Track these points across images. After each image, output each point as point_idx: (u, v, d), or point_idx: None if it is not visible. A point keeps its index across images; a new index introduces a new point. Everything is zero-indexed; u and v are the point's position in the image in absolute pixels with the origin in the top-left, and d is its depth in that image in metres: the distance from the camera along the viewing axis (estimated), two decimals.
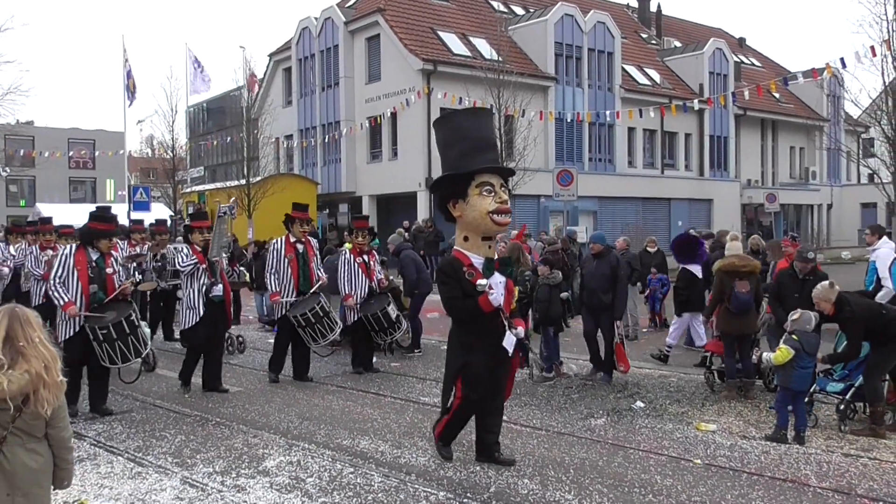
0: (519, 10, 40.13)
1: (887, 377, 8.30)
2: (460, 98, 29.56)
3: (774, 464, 7.07)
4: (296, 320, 10.53)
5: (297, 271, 10.76)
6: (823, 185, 47.26)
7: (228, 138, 39.27)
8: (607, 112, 34.95)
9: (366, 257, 11.56)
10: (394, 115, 32.92)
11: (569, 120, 33.86)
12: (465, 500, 6.13)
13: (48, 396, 3.90)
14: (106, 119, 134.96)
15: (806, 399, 8.09)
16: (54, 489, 4.17)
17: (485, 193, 6.65)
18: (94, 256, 8.79)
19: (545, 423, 8.57)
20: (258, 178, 30.69)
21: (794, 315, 7.96)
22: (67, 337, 8.64)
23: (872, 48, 20.10)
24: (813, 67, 25.59)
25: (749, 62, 49.40)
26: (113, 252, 9.06)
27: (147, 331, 8.74)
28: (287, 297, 10.71)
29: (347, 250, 11.64)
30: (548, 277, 11.01)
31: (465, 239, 6.86)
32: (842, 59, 22.30)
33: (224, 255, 10.27)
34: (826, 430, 8.13)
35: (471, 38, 34.76)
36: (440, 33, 34.21)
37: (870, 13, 21.29)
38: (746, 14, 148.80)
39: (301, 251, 10.84)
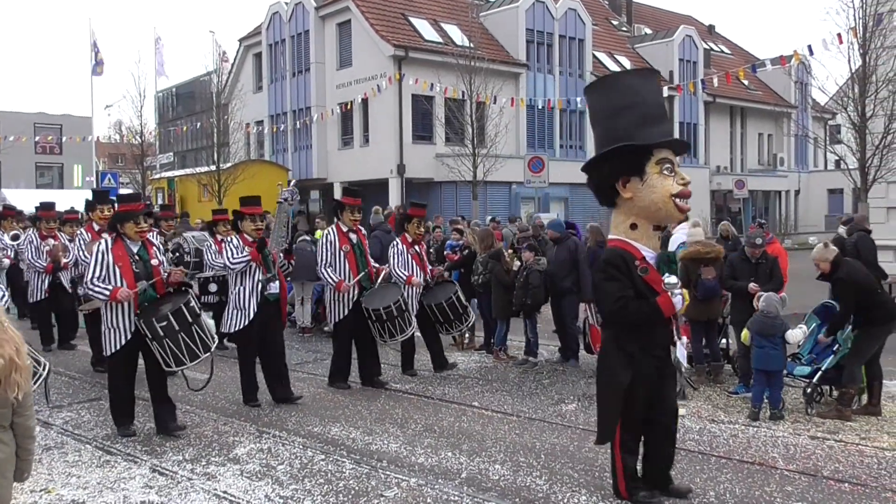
0: None
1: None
2: (431, 84, 29.52)
3: (742, 447, 7.15)
4: (375, 314, 9.45)
5: (355, 263, 9.55)
6: (791, 171, 47.72)
7: (198, 124, 38.90)
8: (578, 99, 34.95)
9: (417, 247, 10.56)
10: (365, 102, 32.79)
11: (540, 107, 33.94)
12: (437, 486, 6.14)
13: (20, 380, 3.81)
14: (73, 104, 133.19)
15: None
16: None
17: (665, 172, 5.47)
18: (135, 248, 7.46)
19: (516, 409, 8.60)
20: (228, 165, 30.45)
21: (761, 302, 8.23)
22: (118, 347, 7.34)
23: (839, 36, 20.24)
24: (781, 55, 25.79)
25: (718, 49, 49.69)
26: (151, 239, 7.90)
27: (211, 322, 7.66)
28: (349, 294, 9.53)
29: (399, 241, 10.49)
30: (537, 263, 11.03)
31: (633, 227, 5.62)
32: (809, 47, 22.50)
33: (283, 246, 9.08)
34: (793, 413, 8.23)
35: (442, 25, 34.69)
36: (411, 19, 34.10)
37: (837, 1, 21.40)
38: (716, 1, 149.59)
39: (355, 241, 9.70)
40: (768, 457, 6.86)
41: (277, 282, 8.70)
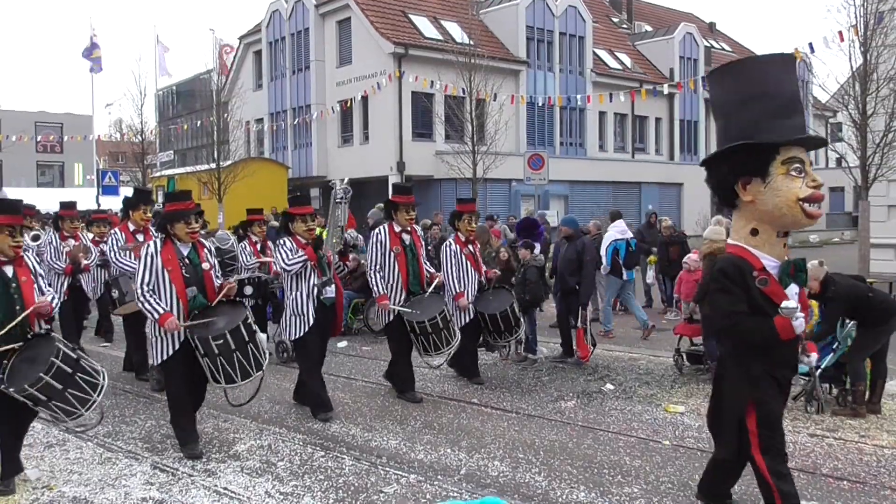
0: None
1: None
2: (431, 81, 29.50)
3: None
4: (419, 327, 8.70)
5: (406, 267, 8.88)
6: None
7: (198, 122, 38.82)
8: (578, 96, 35.02)
9: (472, 247, 9.83)
10: (365, 99, 32.77)
11: (540, 104, 33.90)
12: (437, 482, 6.16)
13: None
14: (74, 103, 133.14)
15: None
16: None
17: (793, 173, 4.81)
18: (185, 251, 6.96)
19: (515, 406, 8.62)
20: (228, 163, 30.45)
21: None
22: (167, 356, 6.87)
23: (840, 33, 20.23)
24: (782, 52, 25.72)
25: (719, 47, 49.61)
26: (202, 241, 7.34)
27: (263, 336, 7.22)
28: (397, 299, 8.87)
29: (452, 241, 9.76)
30: (535, 259, 11.05)
31: (754, 233, 5.01)
32: (810, 44, 22.50)
33: (338, 248, 8.55)
34: (792, 411, 8.24)
35: (442, 22, 34.67)
36: (411, 17, 34.07)
37: None
38: None
39: (408, 243, 8.97)
40: None
41: (333, 285, 8.19)
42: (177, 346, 6.81)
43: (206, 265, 7.04)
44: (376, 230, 9.11)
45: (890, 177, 19.13)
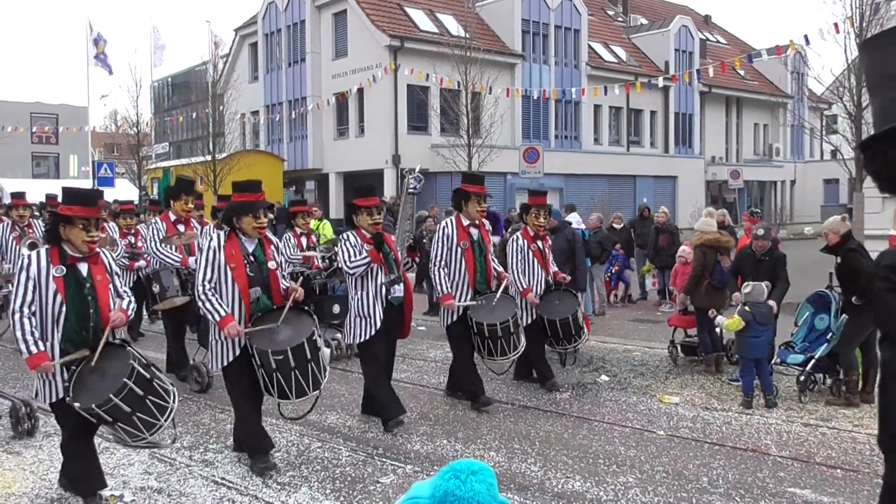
0: None
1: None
2: (427, 74, 29.48)
3: (736, 434, 7.22)
4: (478, 328, 8.04)
5: (474, 264, 8.17)
6: (787, 161, 47.74)
7: (194, 114, 38.84)
8: (573, 89, 35.01)
9: (540, 243, 9.14)
10: (360, 92, 32.74)
11: (535, 97, 33.86)
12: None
13: None
14: (69, 93, 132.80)
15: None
16: None
17: None
18: (251, 247, 6.31)
19: (511, 397, 8.65)
20: (224, 155, 30.41)
21: (747, 288, 8.30)
22: (228, 362, 6.26)
23: (836, 25, 20.25)
24: (777, 45, 25.81)
25: (714, 39, 49.65)
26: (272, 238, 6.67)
27: (327, 351, 6.71)
28: (462, 298, 8.15)
29: (519, 235, 9.15)
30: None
31: None
32: (805, 37, 22.51)
33: (408, 242, 7.92)
34: (787, 400, 8.30)
35: (438, 15, 34.63)
36: (407, 9, 34.04)
37: None
38: None
39: (476, 238, 8.23)
40: (761, 443, 6.93)
41: (402, 284, 7.59)
42: (237, 352, 6.20)
43: (272, 264, 6.38)
44: (443, 223, 8.43)
45: None
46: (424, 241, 13.52)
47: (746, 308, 8.18)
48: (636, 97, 37.68)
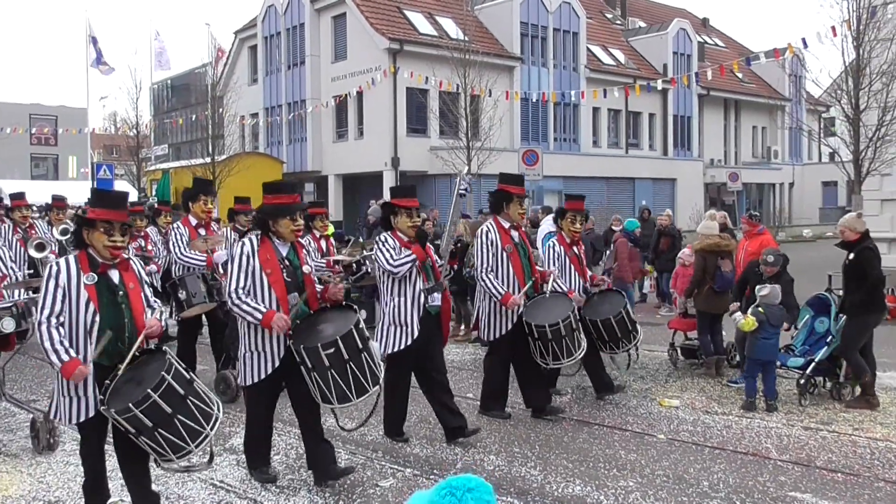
0: None
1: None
2: (426, 77, 29.50)
3: (736, 438, 7.20)
4: (539, 331, 7.54)
5: (521, 267, 7.70)
6: (785, 164, 47.81)
7: (193, 116, 38.78)
8: (572, 92, 35.04)
9: (577, 249, 8.64)
10: (360, 94, 32.76)
11: (534, 100, 33.93)
12: (432, 477, 6.18)
13: None
14: (69, 95, 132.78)
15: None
16: None
17: None
18: (284, 251, 5.94)
19: (511, 401, 8.60)
20: (223, 157, 30.41)
21: (764, 290, 8.20)
22: (265, 374, 5.81)
23: (833, 28, 20.29)
24: (775, 47, 25.77)
25: (712, 42, 49.71)
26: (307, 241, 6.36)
27: (375, 344, 6.35)
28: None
29: (555, 241, 8.62)
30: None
31: None
32: (803, 40, 22.50)
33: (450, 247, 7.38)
34: (787, 404, 8.28)
35: (437, 18, 34.68)
36: (406, 12, 34.09)
37: None
38: None
39: (518, 240, 7.79)
40: (762, 447, 6.91)
41: (441, 291, 7.09)
42: (276, 363, 5.77)
43: (306, 268, 6.01)
44: (484, 228, 7.84)
45: (883, 171, 19.20)
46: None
47: (760, 309, 8.13)
48: (635, 100, 37.72)
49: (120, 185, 34.51)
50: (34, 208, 14.04)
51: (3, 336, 6.84)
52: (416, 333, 6.81)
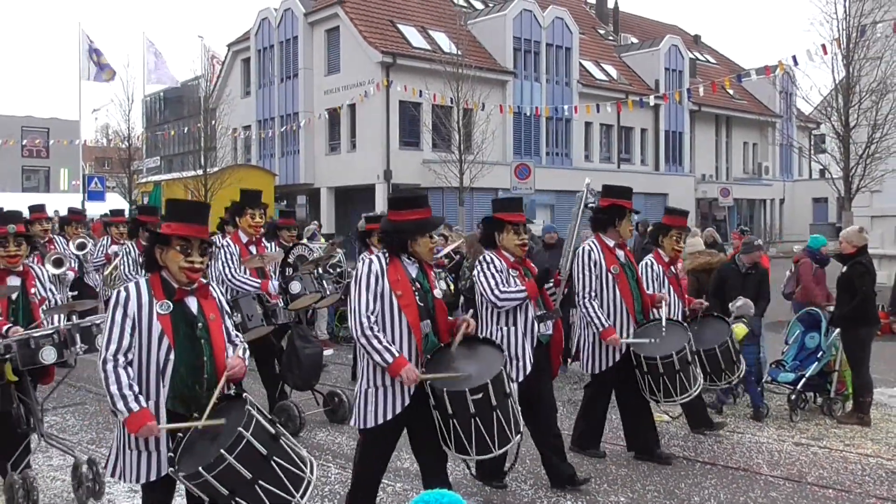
0: (478, 5, 40.29)
1: (838, 368, 8.52)
2: (419, 91, 29.58)
3: (727, 453, 7.20)
4: (649, 364, 6.68)
5: (630, 291, 6.85)
6: (776, 180, 47.98)
7: (186, 128, 38.74)
8: (565, 107, 35.19)
9: (675, 268, 7.71)
10: (352, 107, 32.83)
11: (527, 114, 34.04)
12: (422, 492, 6.13)
13: None
14: (60, 107, 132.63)
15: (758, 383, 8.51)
16: None
17: None
18: (413, 272, 5.05)
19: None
20: (215, 169, 30.37)
21: (738, 302, 8.25)
22: (391, 416, 4.95)
23: (823, 46, 20.40)
24: (766, 65, 25.96)
25: (704, 59, 49.96)
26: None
27: (514, 387, 5.55)
28: (624, 333, 6.82)
29: (653, 259, 7.55)
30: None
31: None
32: (794, 57, 22.61)
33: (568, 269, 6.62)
34: (777, 419, 8.29)
35: (430, 32, 34.78)
36: (400, 26, 34.17)
37: (821, 12, 21.57)
38: (702, 11, 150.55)
39: (625, 261, 6.92)
40: (753, 463, 6.91)
41: (553, 319, 6.25)
42: (407, 401, 4.92)
43: (437, 292, 5.12)
44: (586, 248, 6.90)
45: (872, 188, 19.29)
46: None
47: (744, 320, 8.18)
48: (627, 115, 37.88)
49: (111, 198, 34.46)
50: (53, 220, 13.50)
51: (43, 367, 5.91)
52: (529, 367, 6.04)
